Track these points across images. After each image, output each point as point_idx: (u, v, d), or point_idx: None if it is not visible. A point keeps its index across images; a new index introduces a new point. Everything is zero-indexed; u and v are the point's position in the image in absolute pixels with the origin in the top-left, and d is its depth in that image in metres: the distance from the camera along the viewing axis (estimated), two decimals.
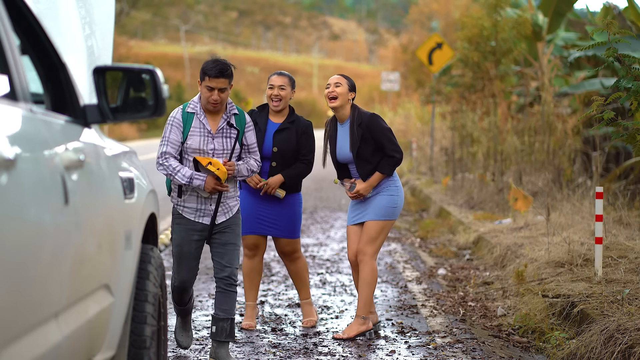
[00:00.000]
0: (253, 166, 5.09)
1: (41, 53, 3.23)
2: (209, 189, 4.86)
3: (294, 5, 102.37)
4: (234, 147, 4.97)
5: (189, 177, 4.85)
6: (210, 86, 4.87)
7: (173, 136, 4.92)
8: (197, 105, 4.98)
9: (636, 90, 5.62)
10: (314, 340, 5.65)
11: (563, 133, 12.82)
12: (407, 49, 37.08)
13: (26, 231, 2.42)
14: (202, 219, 5.01)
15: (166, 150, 4.90)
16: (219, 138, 4.95)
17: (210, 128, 4.94)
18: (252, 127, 5.07)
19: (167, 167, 4.88)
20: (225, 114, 4.98)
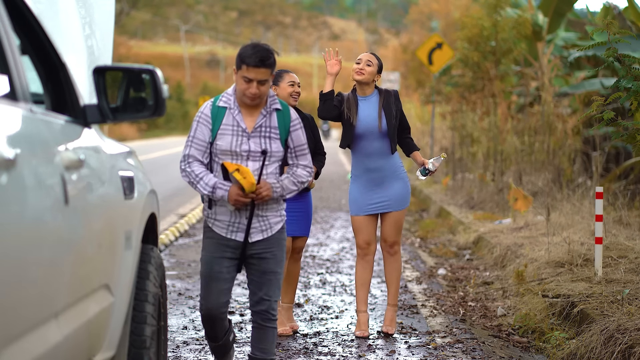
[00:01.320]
0: (301, 176, 4.17)
1: (41, 53, 3.23)
2: (232, 201, 4.04)
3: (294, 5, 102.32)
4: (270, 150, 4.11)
5: (212, 186, 4.04)
6: (248, 77, 4.00)
7: (199, 135, 4.10)
8: (231, 98, 4.13)
9: (636, 90, 5.62)
10: (314, 340, 5.65)
11: (563, 133, 12.82)
12: (407, 49, 37.08)
13: (26, 231, 2.42)
14: (235, 235, 4.17)
15: (189, 153, 4.10)
16: (256, 138, 4.09)
17: (245, 126, 4.09)
18: (299, 125, 4.17)
19: (189, 173, 4.08)
20: (265, 109, 4.12)
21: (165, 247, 9.71)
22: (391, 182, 5.79)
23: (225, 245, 4.17)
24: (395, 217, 5.83)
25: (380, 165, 5.75)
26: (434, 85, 17.99)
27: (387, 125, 5.72)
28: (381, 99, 5.77)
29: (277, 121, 4.12)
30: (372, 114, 5.73)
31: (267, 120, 4.12)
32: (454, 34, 20.51)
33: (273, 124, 4.12)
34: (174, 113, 54.82)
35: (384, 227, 5.85)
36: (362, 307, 5.85)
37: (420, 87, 27.76)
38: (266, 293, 4.19)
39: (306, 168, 4.19)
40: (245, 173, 3.98)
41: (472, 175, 14.68)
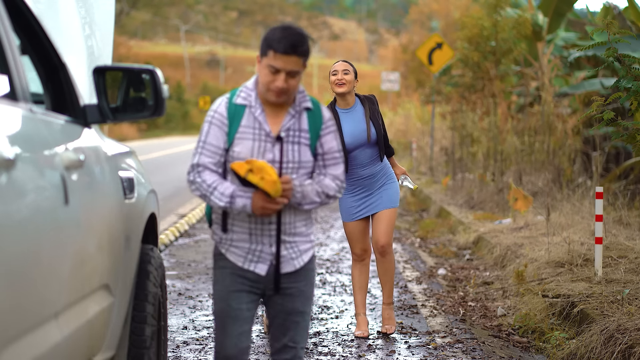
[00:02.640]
0: (328, 188, 3.32)
1: (41, 53, 3.23)
2: (258, 210, 3.19)
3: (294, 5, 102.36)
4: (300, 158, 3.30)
5: (230, 195, 3.20)
6: (275, 66, 3.16)
7: (212, 139, 3.25)
8: (252, 94, 3.29)
9: (636, 90, 5.62)
10: (314, 340, 5.65)
11: (563, 133, 12.82)
12: (407, 49, 37.09)
13: (26, 231, 2.42)
14: (255, 266, 3.31)
15: (199, 161, 3.24)
16: (283, 143, 3.27)
17: (269, 128, 3.27)
18: (332, 127, 3.37)
19: (200, 184, 3.22)
20: (293, 107, 3.31)
21: (165, 247, 9.71)
22: (382, 185, 5.78)
23: (242, 276, 3.32)
24: (386, 215, 5.78)
25: (373, 171, 5.75)
26: (434, 85, 17.99)
27: (376, 135, 5.70)
28: (366, 109, 5.72)
29: (307, 123, 3.31)
30: (360, 126, 5.69)
31: (296, 121, 3.29)
32: (454, 34, 20.51)
33: (303, 126, 3.30)
34: (174, 113, 54.83)
35: (375, 227, 5.82)
36: (361, 310, 5.85)
37: (420, 87, 27.77)
38: (292, 339, 3.39)
39: (336, 180, 3.32)
40: (261, 171, 3.13)
41: (472, 175, 14.68)
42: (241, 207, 3.20)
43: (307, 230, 3.39)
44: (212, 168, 3.25)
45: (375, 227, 5.81)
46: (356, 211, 5.80)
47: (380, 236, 5.78)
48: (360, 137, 5.67)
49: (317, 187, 3.29)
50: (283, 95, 3.22)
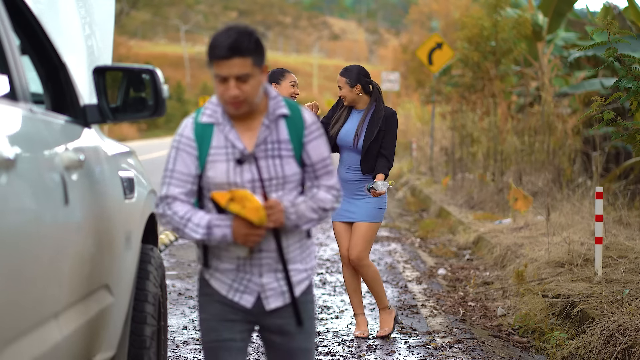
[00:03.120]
0: (324, 201, 2.95)
1: (41, 53, 3.23)
2: (240, 239, 2.82)
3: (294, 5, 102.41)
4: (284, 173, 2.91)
5: (206, 225, 2.83)
6: (220, 74, 2.81)
7: (180, 167, 2.89)
8: (218, 110, 2.91)
9: (636, 90, 5.62)
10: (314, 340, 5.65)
11: (563, 133, 12.82)
12: (407, 49, 37.09)
13: (26, 231, 2.42)
14: (241, 297, 2.93)
15: (168, 193, 2.88)
16: (261, 160, 2.89)
17: (243, 145, 2.88)
18: (318, 132, 2.97)
19: (171, 217, 2.86)
20: (267, 117, 2.91)
21: (165, 247, 9.71)
22: (361, 198, 5.70)
23: (230, 305, 2.93)
24: (359, 228, 5.68)
25: (354, 179, 5.71)
26: (434, 85, 17.99)
27: (362, 145, 5.65)
28: (364, 116, 5.70)
29: (286, 131, 2.92)
30: (352, 130, 5.71)
31: (272, 132, 2.90)
32: (454, 34, 20.51)
33: (282, 136, 2.91)
34: (174, 113, 54.84)
35: (350, 239, 5.76)
36: (359, 310, 5.85)
37: (420, 87, 27.78)
38: None
39: (331, 190, 2.95)
40: (243, 199, 2.80)
41: (472, 175, 14.68)
42: (220, 237, 2.82)
43: (302, 254, 2.97)
44: (182, 199, 2.87)
45: (353, 238, 5.74)
46: (340, 212, 5.77)
47: (351, 249, 5.73)
48: (347, 138, 5.70)
49: (311, 203, 2.91)
50: (242, 105, 2.82)
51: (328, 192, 2.96)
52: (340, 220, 5.79)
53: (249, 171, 2.87)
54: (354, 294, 5.85)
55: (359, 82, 5.69)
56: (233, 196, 2.81)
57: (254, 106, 2.87)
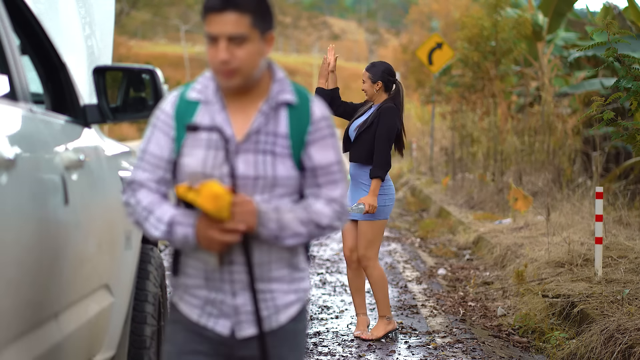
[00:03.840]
0: (320, 215, 2.38)
1: (41, 53, 3.23)
2: (203, 241, 2.29)
3: (294, 5, 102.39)
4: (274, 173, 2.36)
5: (168, 222, 2.32)
6: (211, 32, 2.29)
7: (154, 148, 2.41)
8: (211, 85, 2.40)
9: (636, 90, 5.62)
10: (314, 340, 5.65)
11: (563, 133, 12.83)
12: (407, 49, 37.07)
13: (26, 231, 2.42)
14: (215, 323, 2.40)
15: (135, 178, 2.40)
16: (249, 154, 2.36)
17: (231, 131, 2.37)
18: (327, 130, 2.41)
19: (134, 207, 2.38)
20: (267, 102, 2.38)
21: (165, 247, 9.72)
22: (362, 192, 5.69)
23: (198, 334, 2.40)
24: (364, 227, 5.67)
25: (353, 172, 5.72)
26: (434, 85, 17.99)
27: (355, 136, 5.65)
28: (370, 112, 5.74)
29: (287, 123, 2.37)
30: (358, 120, 5.76)
31: (270, 121, 2.37)
32: (454, 34, 20.51)
33: (280, 128, 2.37)
34: None
35: (357, 237, 5.77)
36: (361, 310, 5.86)
37: (420, 87, 27.76)
38: None
39: (332, 204, 2.38)
40: (203, 187, 2.25)
41: (472, 175, 14.68)
42: (182, 238, 2.31)
43: (292, 273, 2.41)
44: (151, 186, 2.38)
45: (357, 237, 5.75)
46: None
47: (360, 248, 5.73)
48: (352, 130, 5.74)
49: (301, 214, 2.33)
50: (234, 75, 2.29)
51: (328, 205, 2.37)
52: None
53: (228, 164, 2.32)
54: (356, 294, 5.85)
55: (381, 80, 5.73)
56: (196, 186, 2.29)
57: (250, 81, 2.34)
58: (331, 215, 2.38)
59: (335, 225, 2.39)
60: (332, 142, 2.41)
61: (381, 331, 5.70)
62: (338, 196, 2.40)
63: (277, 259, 2.38)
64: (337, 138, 2.44)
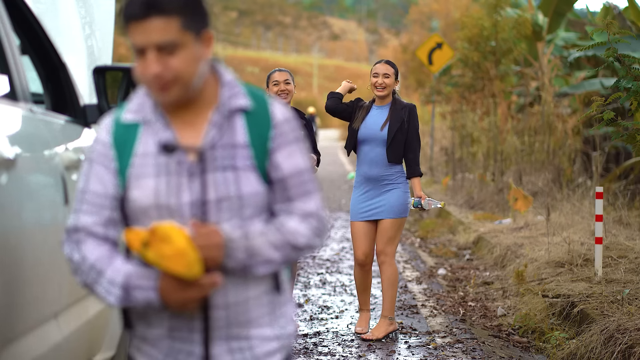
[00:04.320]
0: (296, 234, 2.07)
1: (41, 53, 3.23)
2: (174, 305, 1.96)
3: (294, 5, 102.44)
4: (239, 192, 2.04)
5: (122, 285, 1.98)
6: (136, 43, 1.98)
7: (95, 186, 2.06)
8: (147, 103, 2.08)
9: (636, 90, 5.62)
10: (314, 340, 5.66)
11: (563, 133, 12.83)
12: (407, 49, 37.07)
13: (26, 231, 2.42)
14: None
15: (77, 224, 2.05)
16: (207, 174, 2.04)
17: (182, 154, 2.05)
18: (292, 133, 2.12)
19: (79, 265, 2.02)
20: (217, 110, 2.06)
21: None
22: (388, 191, 5.74)
23: None
24: (385, 225, 5.73)
25: (379, 173, 5.74)
26: (434, 85, 17.99)
27: (387, 132, 5.69)
28: (392, 108, 5.78)
29: (245, 131, 2.06)
30: (378, 121, 5.75)
31: (224, 132, 2.05)
32: (454, 34, 20.52)
33: (238, 138, 2.05)
34: None
35: (377, 234, 5.80)
36: (365, 307, 5.91)
37: (420, 87, 27.76)
38: None
39: (308, 219, 2.08)
40: (163, 240, 1.88)
41: (472, 175, 14.68)
42: (143, 303, 1.97)
43: (274, 311, 2.09)
44: (97, 232, 2.03)
45: (377, 234, 5.79)
46: (363, 211, 5.78)
47: (379, 244, 5.76)
48: (373, 128, 5.73)
49: (273, 236, 2.03)
50: (170, 89, 1.97)
51: (303, 221, 2.07)
52: (362, 220, 5.80)
53: (187, 189, 2.01)
54: (363, 292, 5.89)
55: (398, 79, 5.87)
56: (151, 235, 1.88)
57: (191, 92, 2.01)
58: (308, 233, 2.06)
59: (314, 244, 2.08)
60: (300, 148, 2.10)
61: (382, 332, 5.70)
62: (314, 209, 2.08)
63: (255, 296, 2.04)
64: (304, 143, 2.13)
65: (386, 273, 5.75)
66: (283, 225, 2.06)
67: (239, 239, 1.99)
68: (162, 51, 1.95)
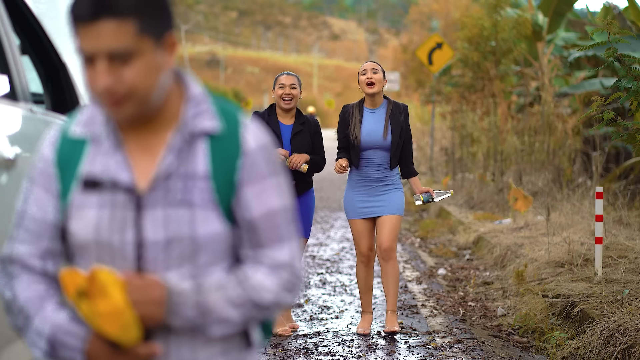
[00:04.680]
0: (261, 290, 1.72)
1: (41, 53, 3.23)
2: None
3: (294, 5, 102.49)
4: (194, 233, 1.70)
5: (48, 339, 1.67)
6: (84, 50, 1.64)
7: (33, 210, 1.76)
8: (98, 115, 1.77)
9: (636, 90, 5.62)
10: (314, 340, 5.66)
11: (563, 133, 12.83)
12: (407, 49, 37.10)
13: None
14: None
15: (12, 254, 1.75)
16: (157, 209, 1.70)
17: (129, 178, 1.71)
18: (269, 168, 1.75)
19: (9, 304, 1.72)
20: (179, 131, 1.72)
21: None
22: (389, 191, 5.83)
23: None
24: (389, 220, 5.80)
25: (381, 176, 5.81)
26: (434, 85, 17.99)
27: (391, 139, 5.74)
28: (388, 110, 5.80)
29: (207, 160, 1.72)
30: (379, 127, 5.77)
31: (184, 159, 1.72)
32: (454, 34, 20.52)
33: (198, 167, 1.71)
34: None
35: (379, 231, 5.84)
36: (367, 308, 5.92)
37: (420, 87, 27.78)
38: None
39: (279, 271, 1.75)
40: (101, 292, 1.59)
41: (472, 175, 14.68)
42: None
43: None
44: (33, 265, 1.73)
45: (379, 231, 5.83)
46: (363, 206, 5.82)
47: (383, 240, 5.79)
48: (376, 135, 5.75)
49: (233, 292, 1.68)
50: (124, 105, 1.64)
51: (272, 273, 1.72)
52: (364, 217, 5.84)
53: (133, 226, 1.68)
54: (366, 293, 5.91)
55: (385, 78, 5.86)
56: (89, 283, 1.58)
57: (150, 108, 1.68)
58: (276, 288, 1.72)
59: (282, 301, 1.73)
60: (276, 183, 1.72)
61: (396, 323, 5.78)
62: (287, 259, 1.73)
63: (205, 358, 1.71)
64: (283, 177, 1.75)
65: (395, 269, 5.83)
66: (247, 277, 1.70)
67: (189, 292, 1.64)
68: (115, 60, 1.62)
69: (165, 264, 1.68)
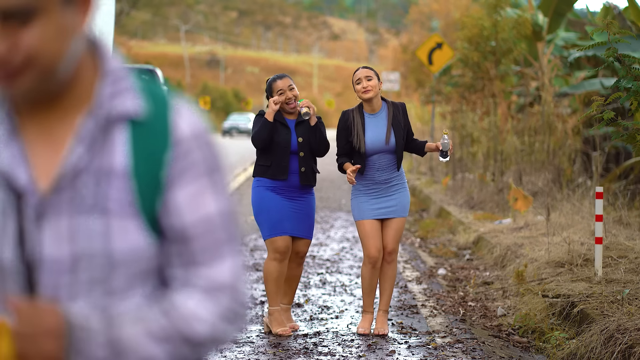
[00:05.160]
0: (190, 319, 1.30)
1: None
2: None
3: (294, 5, 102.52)
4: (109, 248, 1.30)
5: None
6: None
7: None
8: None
9: (636, 90, 5.62)
10: (314, 340, 5.66)
11: (563, 133, 12.84)
12: (407, 49, 37.11)
13: None
14: None
15: None
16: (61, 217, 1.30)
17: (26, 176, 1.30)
18: (206, 161, 1.35)
19: None
20: (91, 115, 1.31)
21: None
22: (397, 192, 5.88)
23: None
24: (397, 223, 5.89)
25: (388, 178, 5.86)
26: (434, 85, 18.00)
27: (395, 143, 5.79)
28: (390, 114, 5.83)
29: (126, 151, 1.33)
30: (381, 132, 5.80)
31: (96, 151, 1.33)
32: (454, 34, 20.53)
33: (115, 161, 1.33)
34: None
35: (385, 233, 5.89)
36: (370, 309, 5.94)
37: (420, 87, 27.79)
38: None
39: (216, 295, 1.34)
40: None
41: (472, 175, 14.68)
42: None
43: None
44: None
45: (386, 232, 5.89)
46: (374, 207, 5.85)
47: (389, 241, 5.87)
48: (380, 141, 5.80)
49: (156, 323, 1.31)
50: (19, 76, 1.26)
51: (209, 297, 1.34)
52: (375, 218, 5.86)
53: (29, 241, 1.32)
54: (370, 293, 5.93)
55: (380, 81, 5.89)
56: None
57: (56, 83, 1.31)
58: (213, 318, 1.33)
59: (220, 334, 1.34)
60: (212, 181, 1.35)
61: (386, 324, 5.84)
62: (227, 280, 1.35)
63: None
64: (222, 174, 1.37)
65: (391, 271, 5.91)
66: (174, 305, 1.32)
67: (98, 325, 1.26)
68: (9, 20, 1.23)
69: (70, 289, 1.30)
